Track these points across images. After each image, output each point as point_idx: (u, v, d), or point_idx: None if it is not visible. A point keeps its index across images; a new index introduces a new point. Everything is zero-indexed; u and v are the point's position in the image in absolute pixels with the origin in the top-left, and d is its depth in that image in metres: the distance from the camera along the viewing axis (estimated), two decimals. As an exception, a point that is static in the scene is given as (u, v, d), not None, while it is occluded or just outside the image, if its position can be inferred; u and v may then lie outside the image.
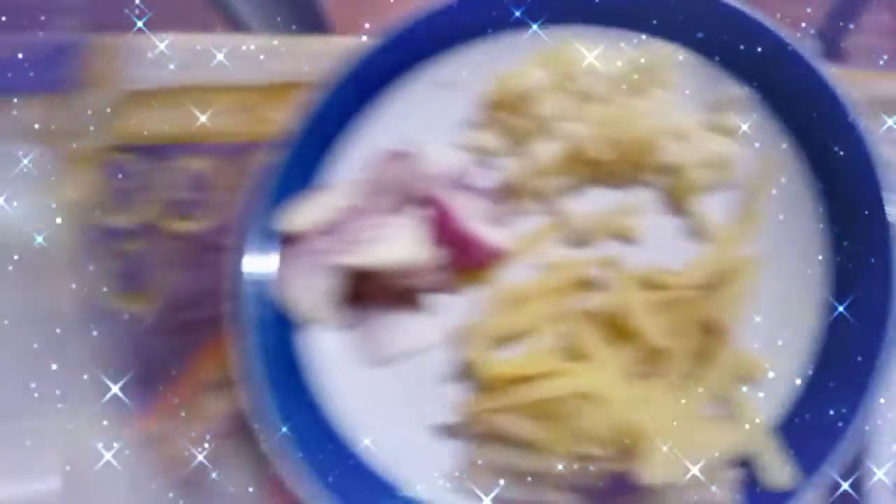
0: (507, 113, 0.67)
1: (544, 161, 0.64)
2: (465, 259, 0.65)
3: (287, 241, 0.67)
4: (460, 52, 0.69)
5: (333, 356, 0.67)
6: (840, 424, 0.56)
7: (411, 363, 0.66)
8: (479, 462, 0.61)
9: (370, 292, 0.67)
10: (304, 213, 0.67)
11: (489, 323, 0.64)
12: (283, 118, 0.69)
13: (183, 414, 0.69)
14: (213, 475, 0.67)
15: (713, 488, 0.57)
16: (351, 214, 0.67)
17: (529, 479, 0.59)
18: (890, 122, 0.68)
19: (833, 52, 0.75)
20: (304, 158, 0.70)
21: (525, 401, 0.59)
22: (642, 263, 0.64)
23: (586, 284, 0.65)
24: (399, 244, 0.64)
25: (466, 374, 0.64)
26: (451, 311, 0.67)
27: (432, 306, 0.67)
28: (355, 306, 0.68)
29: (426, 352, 0.66)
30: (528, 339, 0.64)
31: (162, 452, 0.68)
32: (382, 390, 0.65)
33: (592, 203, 0.67)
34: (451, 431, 0.63)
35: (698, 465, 0.55)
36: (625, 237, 0.66)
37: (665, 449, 0.55)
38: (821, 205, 0.63)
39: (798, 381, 0.60)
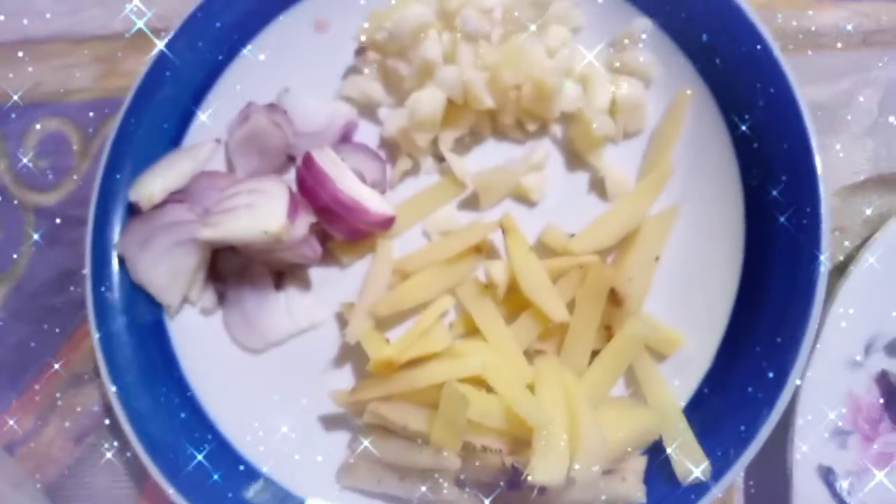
0: (384, 56, 0.59)
1: (428, 111, 0.56)
2: (346, 227, 0.58)
3: (138, 213, 0.58)
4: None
5: (204, 341, 0.59)
6: (756, 406, 0.49)
7: (289, 347, 0.59)
8: (365, 456, 0.54)
9: (239, 268, 0.60)
10: (157, 181, 0.59)
11: (374, 299, 0.56)
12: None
13: (50, 410, 0.62)
14: (85, 476, 0.61)
15: (622, 479, 0.51)
16: (212, 180, 0.59)
17: (420, 474, 0.52)
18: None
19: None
20: (165, 116, 0.62)
21: (412, 387, 0.52)
22: (542, 226, 0.57)
23: (482, 252, 0.57)
24: (267, 213, 0.56)
25: (350, 358, 0.58)
26: (332, 287, 0.59)
27: (311, 282, 0.60)
28: (224, 284, 0.60)
29: (305, 334, 0.59)
30: (418, 316, 0.56)
31: (27, 454, 0.61)
32: (258, 378, 0.58)
33: (487, 160, 0.60)
34: (333, 423, 0.57)
35: (600, 460, 0.48)
36: (523, 197, 0.59)
37: (562, 442, 0.48)
38: (737, 154, 0.55)
39: (712, 359, 0.53)
